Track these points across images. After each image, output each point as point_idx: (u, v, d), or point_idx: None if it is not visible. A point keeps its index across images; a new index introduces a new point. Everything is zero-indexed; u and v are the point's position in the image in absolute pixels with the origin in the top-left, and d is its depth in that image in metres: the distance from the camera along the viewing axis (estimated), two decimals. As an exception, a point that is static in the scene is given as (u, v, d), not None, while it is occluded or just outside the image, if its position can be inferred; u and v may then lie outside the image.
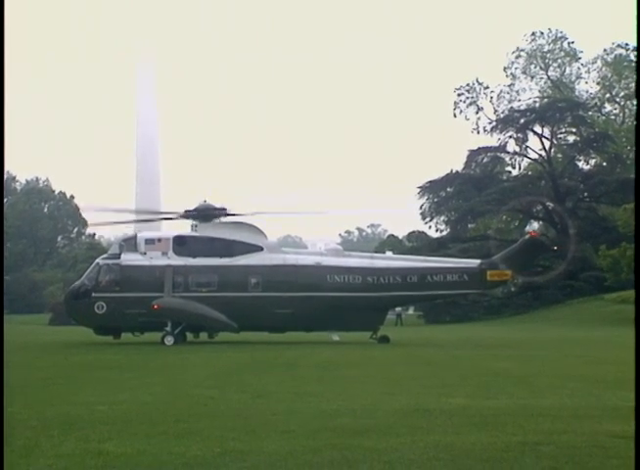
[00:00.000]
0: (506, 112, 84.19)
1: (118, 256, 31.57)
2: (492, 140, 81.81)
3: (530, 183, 79.86)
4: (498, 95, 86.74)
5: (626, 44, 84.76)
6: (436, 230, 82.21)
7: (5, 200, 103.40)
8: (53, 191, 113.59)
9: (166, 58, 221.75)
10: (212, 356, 22.82)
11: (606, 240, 65.42)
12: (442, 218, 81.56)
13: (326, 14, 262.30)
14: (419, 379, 15.50)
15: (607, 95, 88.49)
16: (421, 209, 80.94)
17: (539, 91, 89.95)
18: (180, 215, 33.10)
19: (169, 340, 29.86)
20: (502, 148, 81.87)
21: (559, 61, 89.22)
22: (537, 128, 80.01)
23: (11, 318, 61.90)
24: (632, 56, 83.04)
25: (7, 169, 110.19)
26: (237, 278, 30.93)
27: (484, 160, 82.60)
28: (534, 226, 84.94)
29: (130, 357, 22.71)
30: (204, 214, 32.23)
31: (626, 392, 11.71)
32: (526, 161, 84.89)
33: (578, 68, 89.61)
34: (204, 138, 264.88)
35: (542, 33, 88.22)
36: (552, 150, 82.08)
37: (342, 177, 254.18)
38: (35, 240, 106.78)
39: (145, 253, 31.28)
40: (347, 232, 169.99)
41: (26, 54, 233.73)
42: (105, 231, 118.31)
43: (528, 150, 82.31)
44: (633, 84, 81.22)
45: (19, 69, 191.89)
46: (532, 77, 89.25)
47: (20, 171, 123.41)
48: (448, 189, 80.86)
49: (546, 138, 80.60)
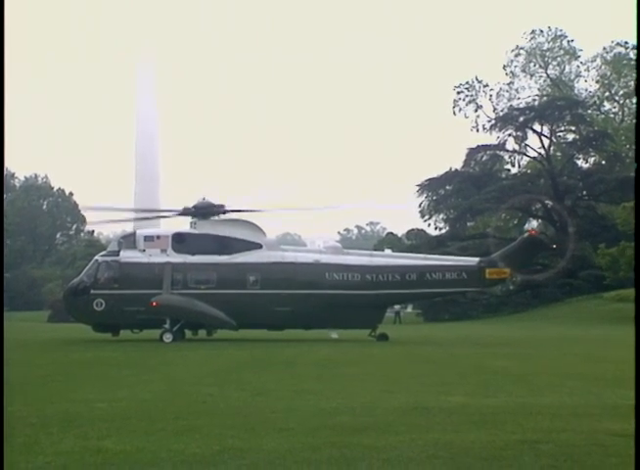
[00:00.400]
0: (505, 110, 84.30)
1: (117, 253, 31.55)
2: (491, 138, 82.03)
3: (529, 181, 79.95)
4: (497, 93, 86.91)
5: (626, 42, 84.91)
6: (435, 228, 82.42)
7: (4, 196, 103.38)
8: (52, 188, 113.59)
9: (166, 56, 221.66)
10: (211, 354, 22.81)
11: (605, 238, 65.48)
12: (441, 216, 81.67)
13: (326, 12, 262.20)
14: (418, 377, 15.50)
15: (606, 93, 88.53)
16: (420, 206, 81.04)
17: (538, 89, 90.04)
18: (179, 213, 33.10)
19: (168, 337, 29.83)
20: (501, 146, 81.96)
21: (558, 59, 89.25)
22: (536, 126, 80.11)
23: (10, 315, 61.88)
24: (632, 54, 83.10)
25: (6, 166, 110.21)
26: (236, 276, 30.92)
27: (484, 158, 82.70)
28: (533, 224, 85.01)
29: (129, 355, 22.70)
30: (202, 212, 32.23)
31: (626, 390, 11.71)
32: (526, 159, 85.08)
33: (578, 66, 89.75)
34: (203, 136, 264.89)
35: (542, 31, 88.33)
36: (551, 148, 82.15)
37: (341, 175, 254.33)
38: (34, 237, 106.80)
39: (144, 250, 31.27)
40: (346, 230, 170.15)
41: (26, 53, 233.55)
42: (104, 228, 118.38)
43: (528, 148, 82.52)
44: (632, 83, 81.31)
45: (19, 68, 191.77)
46: (532, 76, 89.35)
47: (19, 168, 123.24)
48: (447, 187, 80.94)
49: (545, 136, 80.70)
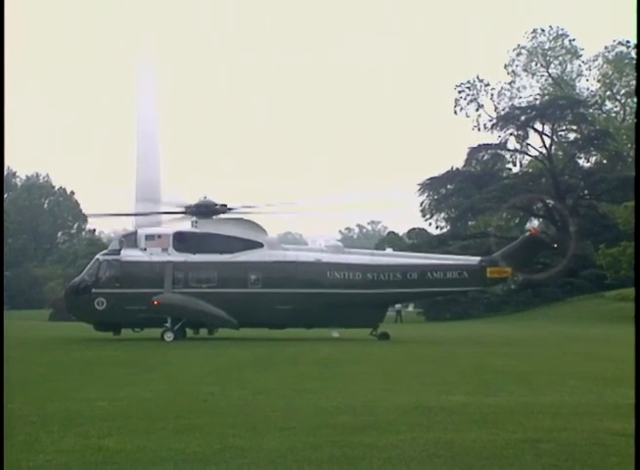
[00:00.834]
0: (507, 109, 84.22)
1: (118, 251, 31.55)
2: (493, 137, 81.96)
3: (531, 181, 79.89)
4: (499, 92, 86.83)
5: (627, 41, 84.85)
6: (437, 227, 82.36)
7: (5, 195, 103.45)
8: (53, 187, 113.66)
9: (167, 56, 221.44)
10: (212, 353, 22.82)
11: (606, 238, 65.43)
12: (443, 215, 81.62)
13: (326, 11, 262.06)
14: (419, 376, 15.50)
15: (607, 93, 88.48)
16: (421, 206, 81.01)
17: (540, 88, 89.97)
18: (181, 212, 33.08)
19: (169, 336, 29.84)
20: (502, 145, 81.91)
21: (560, 58, 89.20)
22: (538, 126, 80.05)
23: (11, 314, 61.91)
24: (633, 53, 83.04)
25: (7, 165, 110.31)
26: (237, 274, 30.93)
27: (485, 157, 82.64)
28: (534, 224, 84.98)
29: (130, 353, 22.71)
30: (204, 211, 32.23)
31: (627, 389, 11.70)
32: (527, 158, 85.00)
33: (579, 65, 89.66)
34: (204, 134, 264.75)
35: (543, 31, 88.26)
36: (552, 147, 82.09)
37: (342, 174, 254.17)
38: (35, 236, 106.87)
39: (145, 249, 31.28)
40: (348, 229, 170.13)
41: (27, 53, 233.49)
42: (105, 227, 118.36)
43: (529, 147, 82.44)
44: (634, 82, 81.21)
45: (19, 67, 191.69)
46: (533, 75, 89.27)
47: (20, 167, 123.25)
48: (449, 186, 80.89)
49: (547, 135, 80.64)
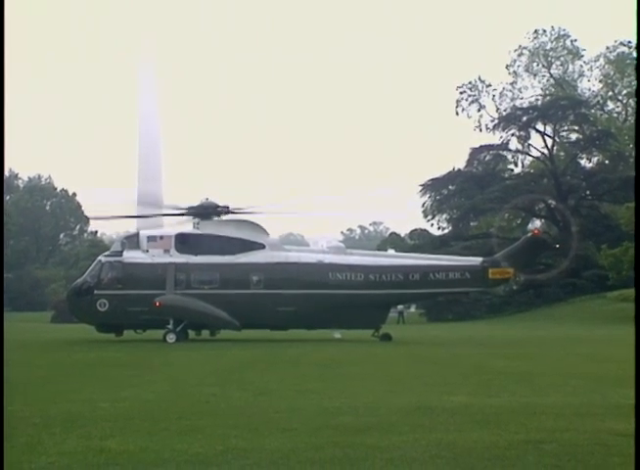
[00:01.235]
0: (508, 110, 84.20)
1: (121, 253, 31.58)
2: (494, 138, 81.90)
3: (533, 181, 79.85)
4: (500, 93, 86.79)
5: (629, 42, 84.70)
6: (439, 228, 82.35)
7: (7, 197, 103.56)
8: (55, 188, 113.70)
9: (168, 58, 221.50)
10: (214, 354, 22.83)
11: (608, 238, 65.39)
12: (445, 216, 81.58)
13: (327, 12, 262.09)
14: (421, 377, 15.50)
15: (609, 93, 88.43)
16: (423, 206, 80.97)
17: (542, 89, 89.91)
18: (182, 213, 33.09)
19: (171, 337, 29.85)
20: (504, 146, 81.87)
21: (561, 59, 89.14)
22: (540, 126, 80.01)
23: (13, 316, 61.98)
24: (635, 54, 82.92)
25: (9, 167, 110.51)
26: (239, 276, 30.94)
27: (487, 158, 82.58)
28: (537, 224, 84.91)
29: (132, 355, 22.72)
30: (206, 212, 32.25)
31: (629, 390, 11.66)
32: (529, 158, 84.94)
33: (581, 65, 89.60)
34: (206, 136, 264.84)
35: (545, 31, 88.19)
36: (554, 148, 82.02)
37: (344, 175, 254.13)
38: (38, 237, 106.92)
39: (147, 250, 31.30)
40: (350, 230, 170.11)
41: (27, 53, 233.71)
42: (107, 229, 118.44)
43: (531, 148, 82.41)
44: (636, 82, 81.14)
45: (20, 68, 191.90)
46: (535, 75, 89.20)
47: (22, 169, 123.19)
48: (450, 187, 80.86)
49: (548, 136, 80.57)
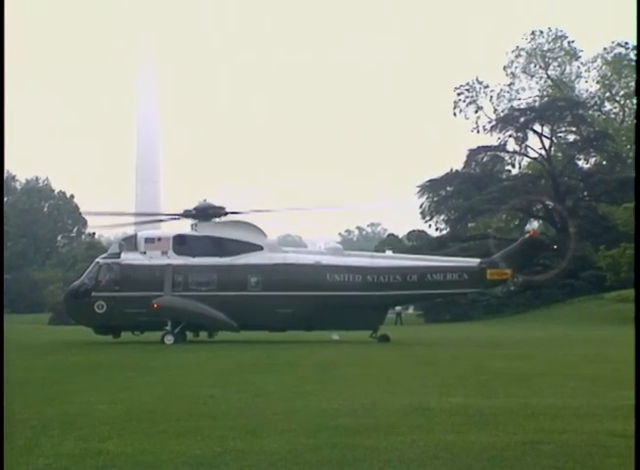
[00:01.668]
0: (506, 111, 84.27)
1: (118, 255, 31.57)
2: (492, 139, 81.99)
3: (530, 182, 79.90)
4: (498, 94, 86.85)
5: (626, 43, 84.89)
6: (436, 229, 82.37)
7: (5, 199, 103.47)
8: (53, 190, 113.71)
9: (167, 60, 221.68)
10: (212, 356, 22.81)
11: (606, 239, 65.43)
12: (442, 217, 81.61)
13: (326, 13, 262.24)
14: (419, 378, 15.50)
15: (607, 94, 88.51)
16: (421, 208, 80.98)
17: (539, 90, 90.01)
18: (180, 215, 33.10)
19: (169, 339, 29.85)
20: (502, 147, 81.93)
21: (559, 60, 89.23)
22: (537, 127, 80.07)
23: (11, 318, 61.90)
24: (632, 55, 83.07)
25: (7, 169, 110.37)
26: (237, 277, 30.93)
27: (484, 159, 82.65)
28: (534, 225, 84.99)
29: (130, 357, 22.70)
30: (203, 214, 32.24)
31: (627, 391, 11.69)
32: (526, 160, 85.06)
33: (578, 66, 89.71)
34: (204, 138, 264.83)
35: (542, 32, 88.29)
36: (552, 149, 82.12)
37: (342, 176, 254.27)
38: (35, 239, 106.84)
39: (145, 252, 31.28)
40: (347, 231, 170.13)
41: (26, 54, 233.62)
42: (104, 230, 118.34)
43: (528, 149, 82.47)
44: (633, 83, 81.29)
45: (19, 68, 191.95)
46: (532, 76, 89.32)
47: (19, 171, 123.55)
48: (448, 188, 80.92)
49: (546, 137, 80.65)
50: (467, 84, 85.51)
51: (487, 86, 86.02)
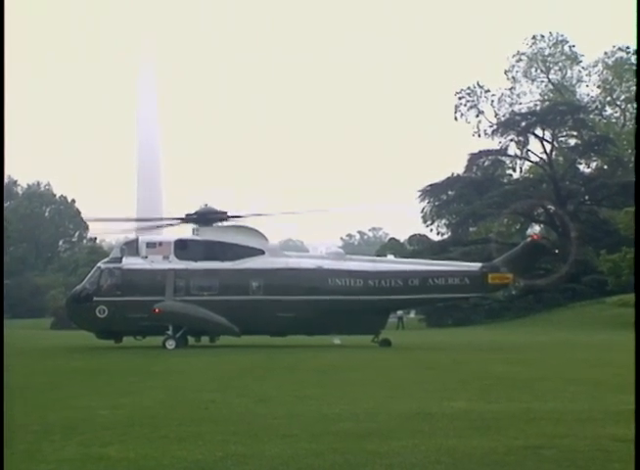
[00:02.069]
0: (507, 115, 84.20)
1: (120, 259, 31.57)
2: (493, 143, 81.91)
3: (532, 186, 79.80)
4: (499, 98, 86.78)
5: (627, 47, 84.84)
6: (438, 233, 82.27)
7: (6, 204, 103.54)
8: (54, 195, 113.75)
9: (168, 63, 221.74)
10: (214, 360, 22.80)
11: (607, 243, 65.31)
12: (444, 222, 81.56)
13: (328, 17, 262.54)
14: (421, 383, 15.48)
15: (608, 98, 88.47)
16: (422, 212, 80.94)
17: (540, 94, 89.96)
18: (181, 219, 33.11)
19: (171, 344, 29.84)
20: (503, 151, 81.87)
21: (560, 64, 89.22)
22: (538, 131, 80.00)
23: (12, 322, 61.91)
24: (633, 59, 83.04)
25: (8, 174, 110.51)
26: (238, 282, 30.92)
27: (485, 163, 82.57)
28: (536, 229, 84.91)
29: (132, 362, 22.70)
30: (205, 218, 32.25)
31: (629, 395, 11.65)
32: (528, 164, 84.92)
33: (579, 71, 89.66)
34: (205, 142, 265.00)
35: (543, 37, 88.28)
36: (553, 153, 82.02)
37: (343, 181, 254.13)
38: (37, 244, 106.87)
39: (146, 257, 31.28)
40: (349, 236, 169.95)
41: (27, 57, 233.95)
42: (106, 235, 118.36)
43: (529, 153, 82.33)
44: (634, 87, 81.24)
45: (20, 71, 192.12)
46: (533, 81, 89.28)
47: (21, 176, 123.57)
48: (449, 192, 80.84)
49: (547, 141, 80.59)
50: (468, 88, 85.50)
51: (488, 90, 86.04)
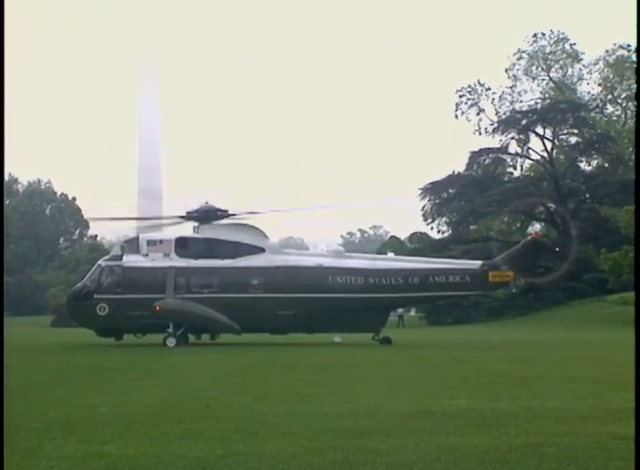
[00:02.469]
0: (508, 113, 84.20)
1: (120, 257, 31.59)
2: (494, 141, 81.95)
3: (532, 184, 79.83)
4: (500, 96, 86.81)
5: (628, 45, 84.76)
6: (438, 232, 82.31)
7: (7, 202, 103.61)
8: (55, 193, 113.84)
9: (169, 62, 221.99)
10: (214, 358, 22.81)
11: (608, 241, 65.32)
12: (444, 220, 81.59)
13: (326, 16, 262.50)
14: (421, 381, 15.48)
15: (608, 96, 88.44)
16: (423, 210, 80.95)
17: (541, 92, 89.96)
18: (182, 217, 33.12)
19: (171, 341, 29.87)
20: (504, 149, 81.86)
21: (560, 62, 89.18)
22: (539, 129, 80.00)
23: (13, 320, 62.00)
24: (634, 57, 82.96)
25: (9, 171, 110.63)
26: (239, 279, 30.94)
27: (486, 161, 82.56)
28: (536, 227, 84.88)
29: (132, 359, 22.70)
30: (205, 216, 32.25)
31: (629, 393, 11.64)
32: (528, 162, 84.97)
33: (580, 69, 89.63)
34: (205, 140, 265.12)
35: (544, 35, 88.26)
36: (554, 151, 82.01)
37: (343, 179, 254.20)
38: (37, 242, 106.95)
39: (147, 254, 31.31)
40: (349, 233, 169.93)
41: (27, 56, 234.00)
42: (107, 233, 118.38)
43: (530, 151, 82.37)
44: (635, 85, 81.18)
45: (20, 70, 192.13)
46: (534, 79, 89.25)
47: (22, 173, 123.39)
48: (450, 190, 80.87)
49: (548, 139, 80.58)
50: (469, 86, 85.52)
51: (489, 88, 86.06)
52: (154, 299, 30.27)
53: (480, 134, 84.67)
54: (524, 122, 79.00)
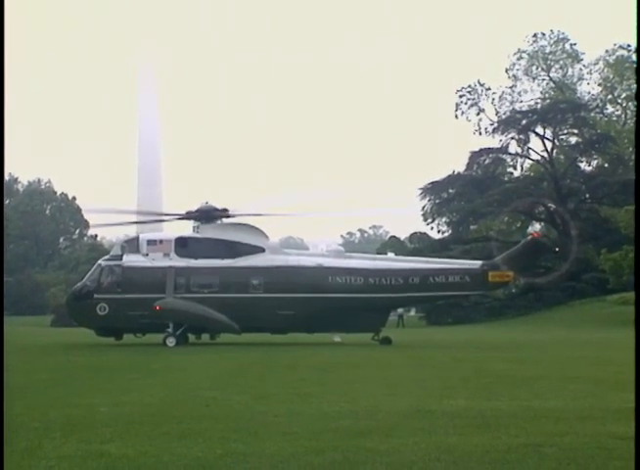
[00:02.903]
0: (508, 113, 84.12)
1: (120, 257, 31.60)
2: (494, 141, 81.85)
3: (532, 184, 79.79)
4: (500, 96, 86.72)
5: (628, 45, 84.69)
6: (438, 231, 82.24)
7: (7, 201, 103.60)
8: (55, 192, 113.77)
9: (169, 61, 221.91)
10: (214, 358, 22.80)
11: (608, 241, 65.31)
12: (444, 220, 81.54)
13: (326, 16, 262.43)
14: (421, 381, 15.48)
15: (609, 96, 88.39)
16: (423, 210, 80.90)
17: (541, 92, 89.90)
18: (182, 217, 33.13)
19: (171, 341, 29.87)
20: (504, 149, 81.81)
21: (561, 62, 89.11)
22: (539, 130, 79.94)
23: (13, 320, 61.95)
24: (634, 57, 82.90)
25: (9, 171, 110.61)
26: (238, 279, 30.95)
27: (486, 161, 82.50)
28: (536, 228, 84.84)
29: (132, 359, 22.70)
30: (205, 216, 32.26)
31: (629, 393, 11.64)
32: (528, 162, 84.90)
33: (580, 69, 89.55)
34: (206, 139, 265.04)
35: (544, 35, 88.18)
36: (554, 151, 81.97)
37: (343, 178, 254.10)
38: (37, 241, 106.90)
39: (147, 254, 31.31)
40: (349, 233, 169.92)
41: (27, 55, 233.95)
42: (107, 232, 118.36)
43: (530, 151, 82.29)
44: (635, 85, 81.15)
45: (20, 70, 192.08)
46: (534, 79, 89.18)
47: (22, 173, 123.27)
48: (450, 190, 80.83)
49: (548, 139, 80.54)
50: (469, 86, 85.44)
51: (489, 88, 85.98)
52: (153, 298, 30.28)
53: (480, 134, 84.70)
54: (524, 122, 78.95)
